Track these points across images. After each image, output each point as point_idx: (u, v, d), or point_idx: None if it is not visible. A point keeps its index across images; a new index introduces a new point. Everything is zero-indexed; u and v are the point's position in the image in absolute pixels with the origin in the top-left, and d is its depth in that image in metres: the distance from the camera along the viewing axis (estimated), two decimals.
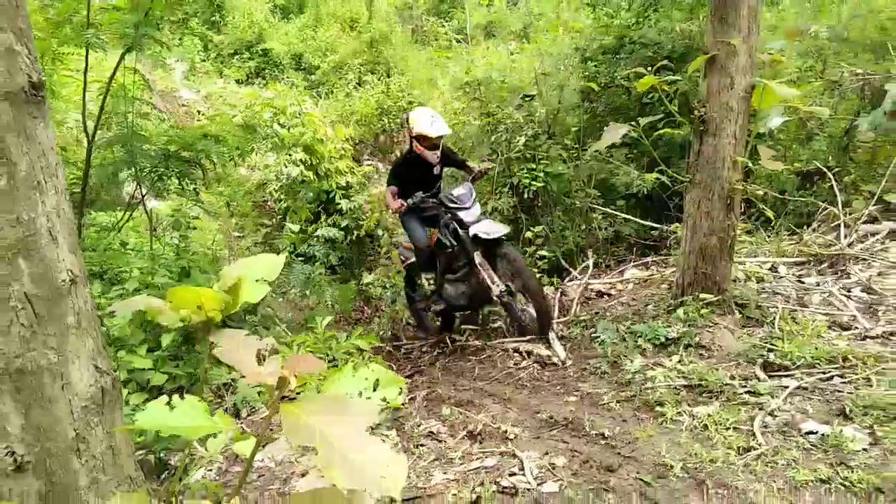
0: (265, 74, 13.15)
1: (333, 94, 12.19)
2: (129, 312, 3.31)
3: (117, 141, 4.03)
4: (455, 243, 4.49)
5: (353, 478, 1.28)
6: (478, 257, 4.28)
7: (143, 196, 4.45)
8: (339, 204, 9.21)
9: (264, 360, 1.67)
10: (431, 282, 4.95)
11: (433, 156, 4.63)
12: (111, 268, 3.99)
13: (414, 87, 11.65)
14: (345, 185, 9.49)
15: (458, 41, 11.94)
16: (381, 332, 6.03)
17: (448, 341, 4.77)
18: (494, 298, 4.26)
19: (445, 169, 5.09)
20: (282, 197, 9.15)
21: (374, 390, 1.94)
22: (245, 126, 5.31)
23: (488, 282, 4.21)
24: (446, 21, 13.98)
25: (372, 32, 12.81)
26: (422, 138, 4.53)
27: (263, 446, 3.09)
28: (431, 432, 2.95)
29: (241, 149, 4.89)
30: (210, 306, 1.84)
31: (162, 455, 2.66)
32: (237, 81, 12.52)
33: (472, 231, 4.25)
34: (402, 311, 6.50)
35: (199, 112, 10.84)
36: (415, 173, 4.71)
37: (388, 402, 1.86)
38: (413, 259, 5.08)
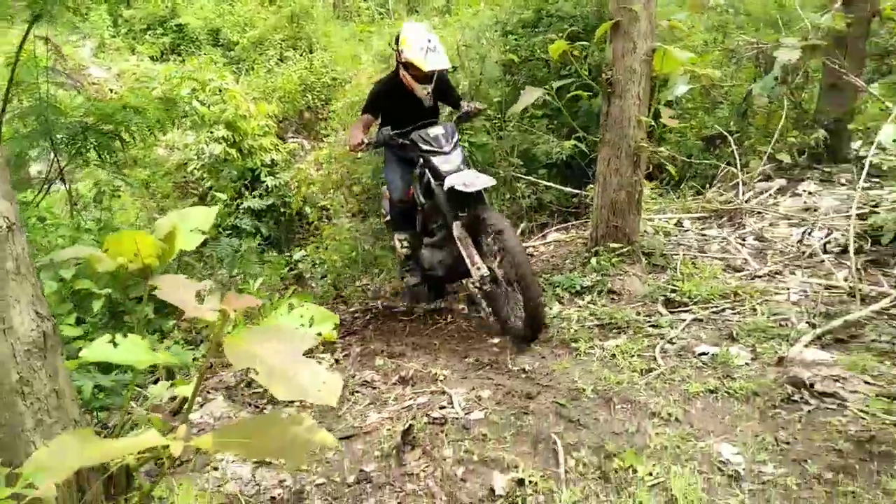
0: (181, 50, 12.71)
1: (254, 71, 11.95)
2: (54, 283, 3.29)
3: (30, 112, 3.92)
4: (424, 201, 3.73)
5: (292, 390, 1.43)
6: (457, 229, 3.41)
7: (61, 170, 4.35)
8: (264, 182, 9.12)
9: (204, 299, 1.79)
10: (405, 244, 4.10)
11: (422, 90, 3.71)
12: (31, 240, 3.90)
13: (338, 62, 11.58)
14: (270, 162, 9.40)
15: (380, 16, 11.92)
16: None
17: (379, 305, 4.92)
18: (475, 283, 3.44)
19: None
20: (204, 176, 8.97)
21: (310, 326, 2.08)
22: (165, 99, 5.23)
23: (468, 262, 3.38)
24: None
25: (292, 7, 12.59)
26: (410, 66, 3.61)
27: (202, 405, 3.17)
28: (366, 381, 3.11)
29: (162, 121, 4.83)
30: (147, 252, 1.92)
31: (99, 415, 2.70)
32: (151, 58, 12.07)
33: (447, 183, 3.32)
34: (330, 290, 6.57)
35: (111, 91, 10.40)
36: (399, 103, 3.80)
37: (322, 335, 2.01)
38: None
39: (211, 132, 8.70)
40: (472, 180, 3.28)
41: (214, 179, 8.81)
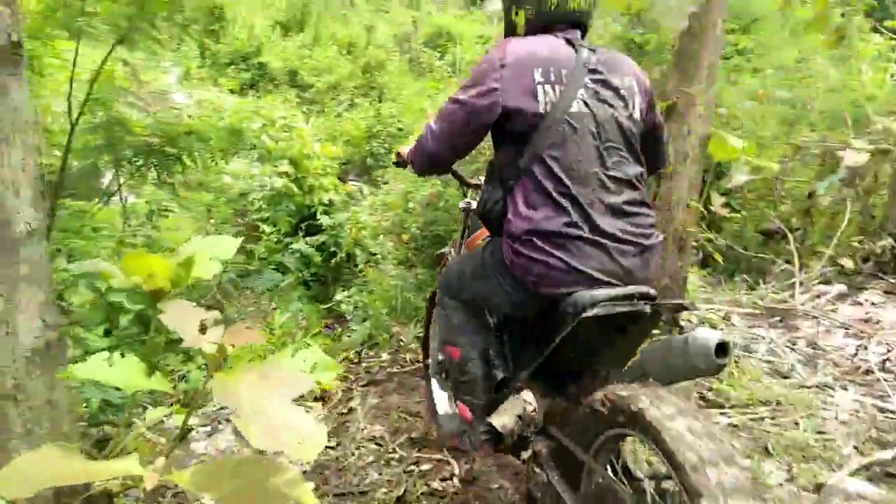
0: (259, 87, 13.30)
1: (325, 114, 12.37)
2: (88, 292, 3.35)
3: (100, 126, 4.10)
4: None
5: (270, 439, 1.34)
6: None
7: (119, 186, 4.51)
8: (319, 220, 9.26)
9: (206, 329, 1.74)
10: None
11: None
12: (80, 249, 4.02)
13: (405, 114, 11.86)
14: (328, 202, 9.56)
15: (450, 74, 12.24)
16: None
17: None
18: None
19: None
20: (263, 206, 9.19)
21: (311, 372, 2.01)
22: (231, 129, 5.42)
23: None
24: (440, 55, 14.30)
25: (368, 58, 13.08)
26: None
27: (210, 435, 3.11)
28: (374, 437, 3.00)
29: (225, 150, 4.98)
30: (161, 275, 1.91)
31: (104, 430, 2.68)
32: (231, 91, 12.65)
33: None
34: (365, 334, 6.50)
35: (189, 116, 10.90)
36: None
37: (320, 384, 1.93)
38: None
39: (275, 166, 8.96)
40: None
41: (272, 211, 9.01)
